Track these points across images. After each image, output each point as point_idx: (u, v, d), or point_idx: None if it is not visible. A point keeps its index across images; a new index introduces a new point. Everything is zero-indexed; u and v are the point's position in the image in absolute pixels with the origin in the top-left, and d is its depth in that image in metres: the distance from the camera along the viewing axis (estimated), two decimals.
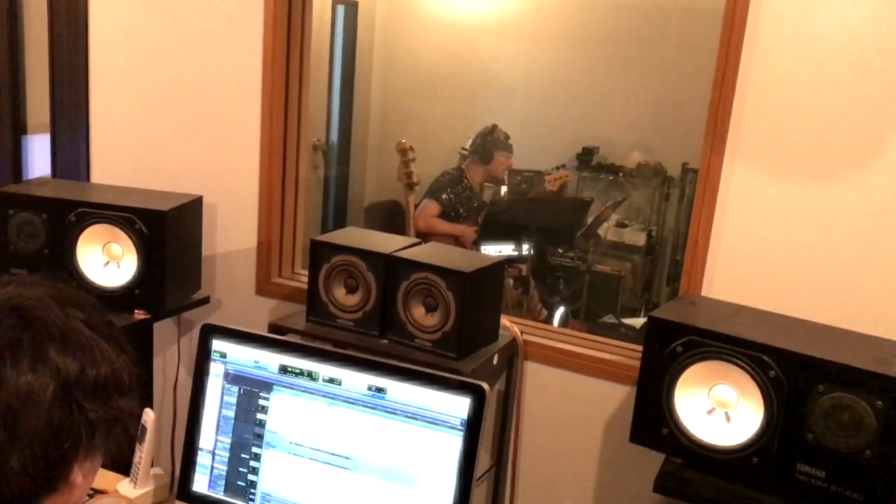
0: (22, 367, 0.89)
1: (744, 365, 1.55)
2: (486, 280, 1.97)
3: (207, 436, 1.64)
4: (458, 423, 1.48)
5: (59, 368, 0.90)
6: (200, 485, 1.63)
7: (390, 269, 1.96)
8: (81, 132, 2.64)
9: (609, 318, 4.64)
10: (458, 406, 1.48)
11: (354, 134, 5.73)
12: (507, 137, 4.53)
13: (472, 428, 1.47)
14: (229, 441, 1.62)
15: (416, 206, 3.96)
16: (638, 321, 4.66)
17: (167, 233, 2.11)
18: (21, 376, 0.88)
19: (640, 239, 5.26)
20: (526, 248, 4.29)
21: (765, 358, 1.54)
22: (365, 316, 2.00)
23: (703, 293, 1.94)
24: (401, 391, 1.52)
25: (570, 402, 2.15)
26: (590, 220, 4.68)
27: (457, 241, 4.32)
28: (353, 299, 2.02)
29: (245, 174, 2.44)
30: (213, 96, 2.48)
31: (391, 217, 4.79)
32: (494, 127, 4.52)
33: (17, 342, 0.90)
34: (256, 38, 2.36)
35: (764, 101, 1.85)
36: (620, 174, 5.39)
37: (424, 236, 4.24)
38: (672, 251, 5.37)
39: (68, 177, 2.69)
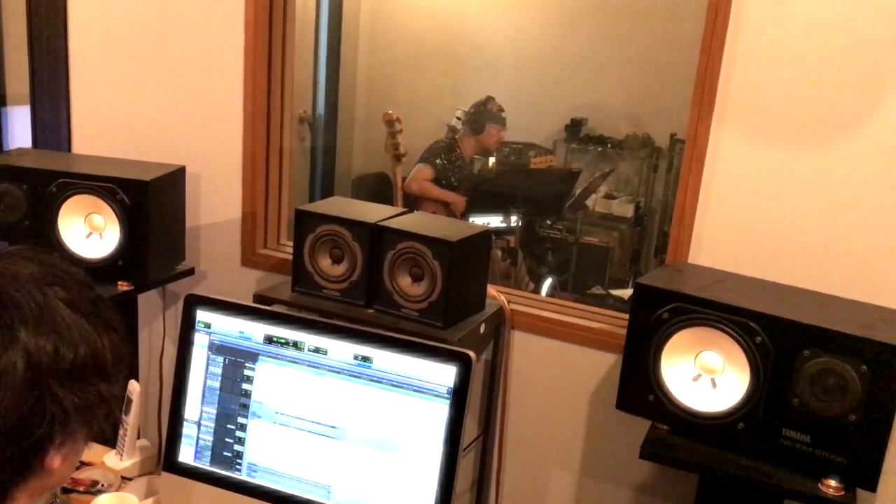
0: None
1: (730, 331, 1.55)
2: (473, 249, 1.96)
3: (193, 407, 1.63)
4: (445, 392, 1.47)
5: (30, 351, 0.85)
6: (186, 455, 1.62)
7: (376, 238, 1.95)
8: (62, 103, 2.60)
9: (597, 290, 4.65)
10: (444, 374, 1.47)
11: (341, 106, 5.67)
12: (502, 110, 4.51)
13: (459, 396, 1.46)
14: (215, 411, 1.62)
15: (403, 179, 3.94)
16: (626, 292, 4.65)
17: (150, 203, 2.09)
18: None
19: (628, 210, 5.26)
20: (514, 220, 4.28)
21: (751, 324, 1.54)
22: (351, 286, 1.99)
23: (690, 261, 1.94)
24: (387, 360, 1.51)
25: (557, 370, 2.15)
26: (578, 191, 4.67)
27: (447, 207, 4.31)
28: (339, 269, 2.01)
29: (228, 144, 2.42)
30: (195, 65, 2.44)
31: (379, 189, 4.77)
32: (489, 98, 4.50)
33: None
34: (239, 6, 2.32)
35: (752, 68, 1.83)
36: (609, 145, 5.38)
37: (417, 200, 4.23)
38: (660, 222, 5.38)
39: (49, 148, 2.65)
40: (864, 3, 1.72)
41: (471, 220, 4.26)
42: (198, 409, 1.63)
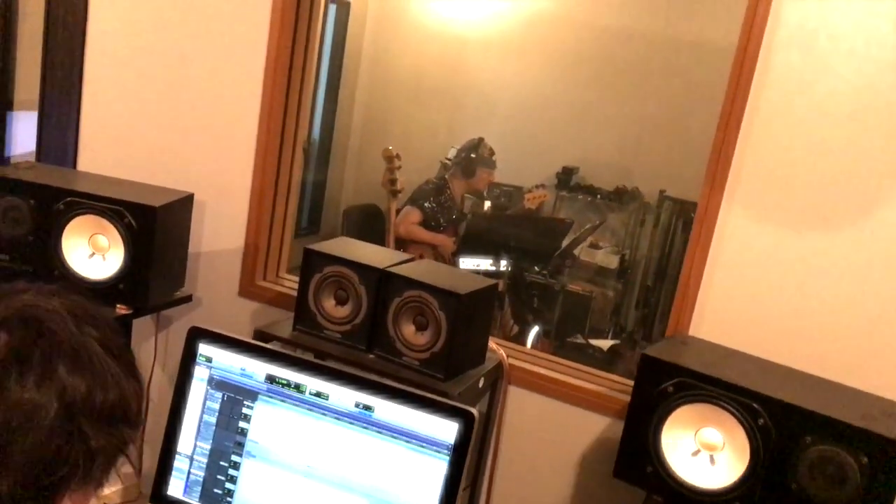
0: (27, 383, 0.82)
1: (733, 410, 1.57)
2: (479, 302, 1.96)
3: (187, 440, 1.61)
4: (445, 449, 1.47)
5: (66, 388, 0.84)
6: (176, 489, 1.61)
7: (383, 283, 1.94)
8: (72, 115, 2.57)
9: (577, 338, 4.66)
10: (446, 430, 1.47)
11: (336, 135, 5.69)
12: (492, 153, 4.55)
13: (459, 453, 1.46)
14: (209, 447, 1.60)
15: (397, 213, 3.96)
16: (605, 343, 4.68)
17: (157, 228, 2.07)
18: (25, 392, 0.82)
19: (612, 261, 5.30)
20: (503, 265, 4.30)
21: (755, 405, 1.55)
22: (353, 329, 1.98)
23: (691, 332, 1.95)
24: (388, 410, 1.51)
25: (551, 429, 2.14)
26: (567, 242, 4.71)
27: (435, 250, 4.32)
28: (343, 311, 2.00)
29: (238, 174, 2.40)
30: (212, 93, 2.43)
31: (369, 221, 4.78)
32: (480, 141, 4.53)
33: (26, 355, 0.83)
34: (261, 37, 2.32)
35: (767, 148, 1.87)
36: (598, 196, 5.43)
37: (404, 242, 4.24)
38: (643, 276, 5.42)
39: (54, 159, 2.61)
40: (880, 95, 1.77)
41: (460, 261, 4.28)
42: (191, 444, 1.61)
